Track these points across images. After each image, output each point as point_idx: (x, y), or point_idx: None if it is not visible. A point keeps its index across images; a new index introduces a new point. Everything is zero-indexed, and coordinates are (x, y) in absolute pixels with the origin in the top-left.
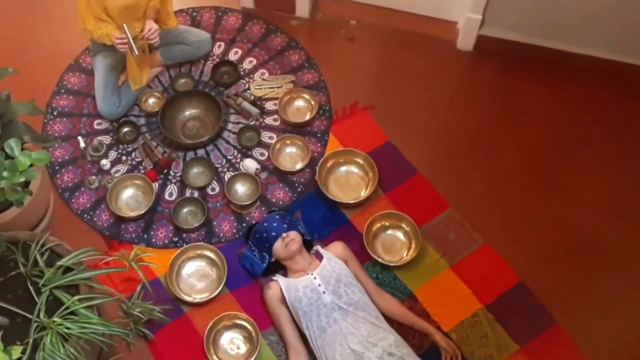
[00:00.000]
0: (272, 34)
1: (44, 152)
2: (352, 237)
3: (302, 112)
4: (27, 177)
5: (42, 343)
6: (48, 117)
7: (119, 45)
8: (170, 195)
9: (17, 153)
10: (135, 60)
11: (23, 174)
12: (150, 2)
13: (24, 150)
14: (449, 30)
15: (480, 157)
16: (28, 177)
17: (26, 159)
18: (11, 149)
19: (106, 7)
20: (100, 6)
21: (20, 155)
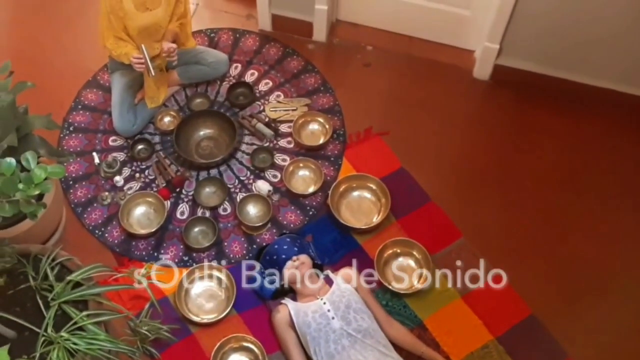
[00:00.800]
0: (288, 57)
1: (60, 165)
2: (363, 263)
3: (316, 135)
4: (42, 189)
5: (48, 358)
6: (64, 132)
7: (136, 65)
8: (181, 214)
9: (33, 166)
10: (153, 79)
11: (38, 187)
12: (169, 25)
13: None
14: (465, 59)
15: (494, 187)
16: (43, 190)
17: (42, 172)
18: (27, 162)
19: (126, 26)
20: (120, 25)
21: (36, 168)
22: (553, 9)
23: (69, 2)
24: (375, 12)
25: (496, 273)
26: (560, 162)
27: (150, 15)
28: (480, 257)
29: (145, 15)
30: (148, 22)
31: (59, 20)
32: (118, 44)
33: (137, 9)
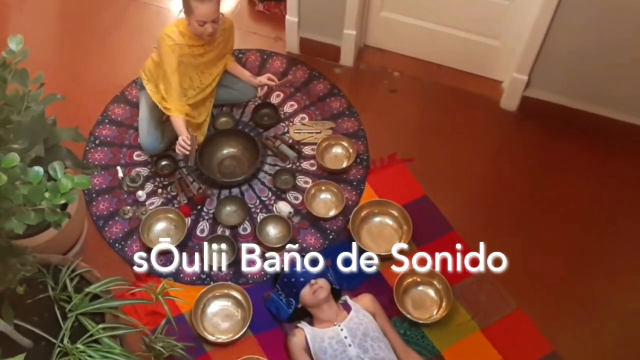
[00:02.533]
0: (314, 80)
1: (86, 176)
2: (381, 290)
3: (339, 159)
4: (67, 199)
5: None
6: (90, 145)
7: (180, 148)
8: (201, 231)
9: (60, 175)
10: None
11: (64, 196)
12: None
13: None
14: (493, 89)
15: (518, 219)
16: (69, 199)
17: (68, 182)
18: (54, 171)
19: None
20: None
21: (62, 178)
22: (583, 44)
23: (102, 20)
24: (404, 39)
25: (517, 307)
26: (585, 197)
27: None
28: (501, 290)
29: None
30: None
31: (91, 36)
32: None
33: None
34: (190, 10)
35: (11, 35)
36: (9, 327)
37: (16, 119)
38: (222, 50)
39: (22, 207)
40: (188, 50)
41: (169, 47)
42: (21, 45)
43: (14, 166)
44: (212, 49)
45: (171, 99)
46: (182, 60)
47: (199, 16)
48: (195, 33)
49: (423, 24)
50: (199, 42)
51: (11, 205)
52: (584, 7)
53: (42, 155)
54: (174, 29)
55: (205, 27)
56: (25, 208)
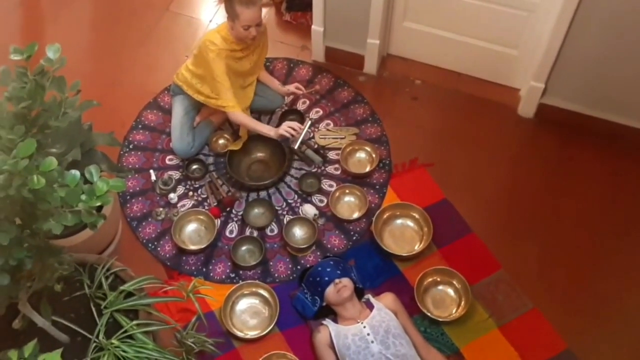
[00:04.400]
0: (339, 88)
1: (121, 179)
2: (403, 289)
3: (362, 163)
4: (103, 201)
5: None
6: (124, 150)
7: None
8: (230, 232)
9: (96, 179)
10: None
11: (100, 199)
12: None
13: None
14: (511, 97)
15: (535, 222)
16: (104, 201)
17: (104, 185)
18: (91, 175)
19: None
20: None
21: (98, 181)
22: (598, 53)
23: (135, 29)
24: (425, 48)
25: (534, 306)
26: (601, 202)
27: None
28: (518, 290)
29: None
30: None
31: (125, 45)
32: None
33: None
34: (235, 16)
35: (49, 44)
36: (47, 323)
37: (54, 124)
38: (260, 55)
39: (60, 209)
40: (230, 54)
41: (214, 53)
42: (59, 53)
43: (52, 170)
44: (251, 53)
45: (225, 98)
46: (227, 63)
47: (244, 21)
48: (239, 37)
49: (444, 33)
50: (240, 46)
51: (49, 207)
52: (599, 18)
53: (78, 159)
54: (216, 35)
55: (250, 30)
56: (63, 210)
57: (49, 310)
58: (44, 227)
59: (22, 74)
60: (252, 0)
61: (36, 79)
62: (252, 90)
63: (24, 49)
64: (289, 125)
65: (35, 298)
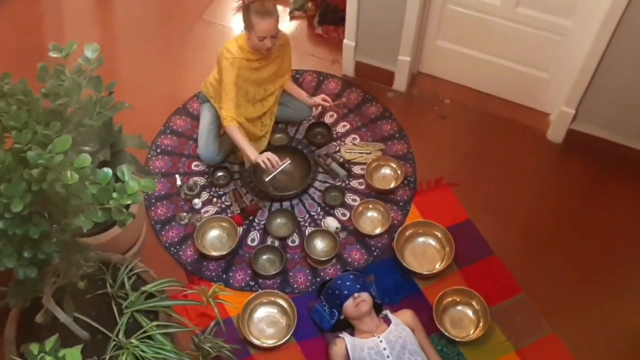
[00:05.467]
0: (367, 103)
1: (151, 180)
2: (421, 307)
3: (387, 179)
4: (133, 200)
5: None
6: (151, 153)
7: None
8: (252, 240)
9: (127, 178)
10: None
11: (130, 197)
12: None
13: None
14: (540, 120)
15: (558, 248)
16: (134, 200)
17: (135, 184)
18: (122, 174)
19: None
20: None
21: (130, 180)
22: (631, 81)
23: (168, 35)
24: (456, 68)
25: (552, 332)
26: (628, 232)
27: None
28: (537, 314)
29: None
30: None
31: (157, 50)
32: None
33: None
34: (251, 26)
35: (87, 43)
36: (69, 319)
37: (88, 122)
38: (280, 66)
39: (91, 206)
40: (246, 63)
41: (228, 61)
42: (96, 53)
43: (86, 166)
44: (269, 64)
45: (227, 107)
46: (240, 73)
47: (259, 32)
48: (254, 47)
49: (476, 54)
50: (256, 56)
51: (80, 203)
52: (636, 45)
53: (108, 159)
54: (233, 44)
55: (265, 42)
56: (94, 206)
57: (72, 307)
58: (75, 222)
59: (60, 72)
60: (268, 12)
61: (73, 77)
62: (272, 100)
63: (63, 47)
64: (269, 157)
65: (59, 294)
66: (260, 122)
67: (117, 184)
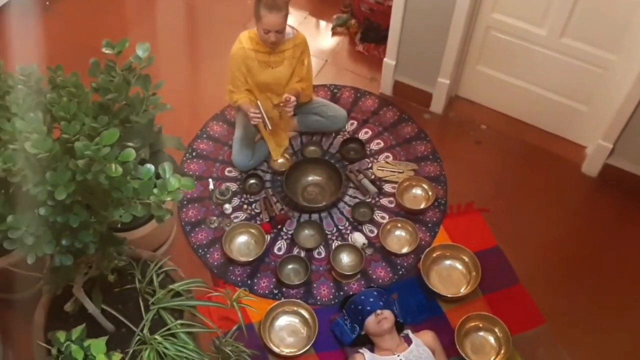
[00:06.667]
0: (403, 122)
1: (191, 179)
2: (443, 330)
3: (418, 200)
4: (173, 197)
5: (140, 356)
6: (187, 156)
7: (253, 118)
8: (279, 249)
9: (169, 175)
10: (270, 133)
11: (170, 194)
12: (291, 84)
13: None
14: (576, 153)
15: (585, 282)
16: (174, 197)
17: (176, 182)
18: (164, 171)
19: (248, 80)
20: (242, 78)
21: (171, 178)
22: None
23: (213, 42)
24: (495, 94)
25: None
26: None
27: (272, 73)
28: (559, 347)
29: (267, 72)
30: (269, 78)
31: (201, 56)
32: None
33: (260, 66)
34: (259, 18)
35: (139, 42)
36: (97, 311)
37: (134, 119)
38: (295, 70)
39: (131, 200)
40: (253, 54)
41: (235, 49)
42: (147, 52)
43: (129, 161)
44: (280, 61)
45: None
46: (245, 62)
47: (265, 24)
48: (261, 39)
49: (516, 81)
50: (264, 49)
51: (121, 197)
52: None
53: (147, 157)
54: (246, 34)
55: (269, 35)
56: (134, 201)
57: (100, 298)
58: (114, 215)
59: (111, 68)
60: (276, 6)
61: (124, 74)
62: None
63: (116, 44)
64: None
65: (89, 285)
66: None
67: (158, 180)
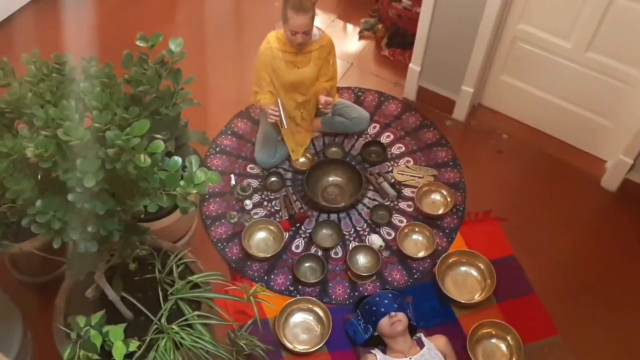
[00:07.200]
0: (425, 128)
1: (216, 173)
2: (455, 335)
3: (436, 205)
4: (199, 190)
5: (156, 345)
6: (211, 151)
7: (271, 115)
8: (296, 247)
9: (195, 168)
10: (289, 133)
11: (196, 187)
12: (319, 84)
13: None
14: (596, 166)
15: (600, 296)
16: (200, 190)
17: (202, 175)
18: (190, 164)
19: (274, 80)
20: (267, 79)
21: (198, 171)
22: None
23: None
24: (517, 104)
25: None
26: None
27: (298, 73)
28: (571, 358)
29: (294, 72)
30: (295, 78)
31: (229, 54)
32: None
33: (287, 66)
34: (286, 19)
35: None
36: (117, 298)
37: (164, 112)
38: (320, 67)
39: (157, 190)
40: (280, 54)
41: (263, 48)
42: (180, 47)
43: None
44: (306, 62)
45: (258, 88)
46: (273, 62)
47: (292, 26)
48: (288, 40)
49: (540, 93)
50: (291, 49)
51: (148, 187)
52: None
53: (172, 150)
54: (273, 34)
55: (296, 36)
56: (160, 191)
57: (120, 286)
58: (140, 204)
59: (144, 61)
60: (303, 8)
61: (156, 67)
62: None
63: (149, 37)
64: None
65: (110, 272)
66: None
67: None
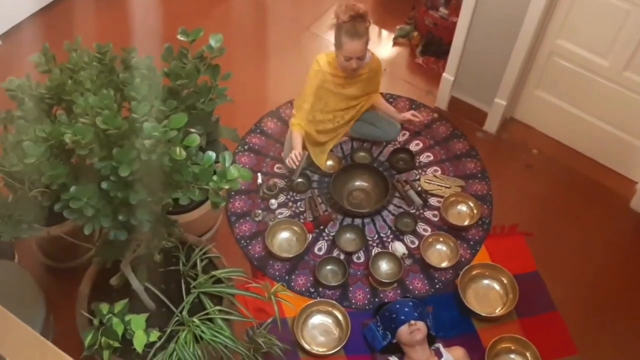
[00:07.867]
0: (455, 138)
1: (248, 170)
2: (474, 348)
3: (462, 216)
4: (231, 185)
5: (177, 336)
6: (239, 149)
7: (291, 160)
8: (319, 249)
9: (228, 164)
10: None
11: (229, 182)
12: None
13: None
14: (626, 187)
15: (622, 317)
16: (233, 186)
17: (235, 171)
18: (224, 160)
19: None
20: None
21: (231, 167)
22: None
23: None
24: (550, 120)
25: None
26: None
27: (343, 93)
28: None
29: (339, 93)
30: (339, 99)
31: (263, 53)
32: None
33: (335, 88)
34: (340, 45)
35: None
36: (141, 287)
37: (200, 106)
38: (366, 87)
39: (190, 184)
40: (330, 78)
41: (314, 71)
42: (219, 43)
43: (193, 146)
44: (354, 83)
45: (298, 116)
46: (323, 86)
47: (346, 52)
48: (341, 66)
49: (573, 110)
50: (342, 74)
51: (181, 180)
52: None
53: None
54: (324, 57)
55: (350, 62)
56: (192, 185)
57: (145, 276)
58: (172, 196)
59: (184, 55)
60: (358, 34)
61: (195, 61)
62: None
63: (190, 32)
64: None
65: (135, 262)
66: (333, 132)
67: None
